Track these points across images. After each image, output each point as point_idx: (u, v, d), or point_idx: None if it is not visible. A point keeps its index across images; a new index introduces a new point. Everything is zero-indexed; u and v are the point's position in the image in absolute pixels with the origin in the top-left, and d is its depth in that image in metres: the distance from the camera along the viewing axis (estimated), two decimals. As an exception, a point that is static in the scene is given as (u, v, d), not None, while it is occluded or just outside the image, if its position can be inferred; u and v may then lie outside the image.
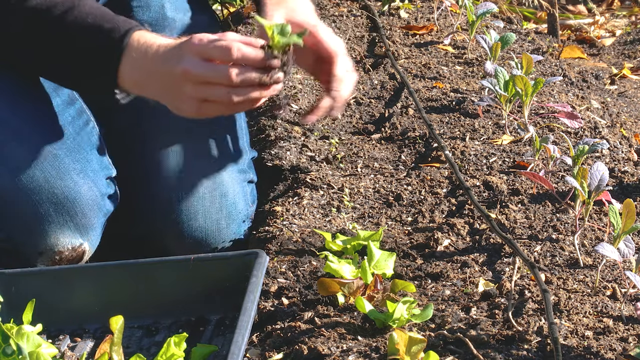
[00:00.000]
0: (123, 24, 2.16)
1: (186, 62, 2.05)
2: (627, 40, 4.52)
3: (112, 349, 1.78)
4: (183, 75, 2.07)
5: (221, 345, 1.96)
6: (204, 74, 2.05)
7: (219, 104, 2.09)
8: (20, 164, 2.25)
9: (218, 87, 2.05)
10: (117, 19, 2.18)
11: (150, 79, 2.13)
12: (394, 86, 3.28)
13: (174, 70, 2.07)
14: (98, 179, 2.35)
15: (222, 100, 2.07)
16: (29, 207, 2.26)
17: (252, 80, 2.04)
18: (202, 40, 2.06)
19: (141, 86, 2.16)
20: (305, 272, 2.20)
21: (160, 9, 2.66)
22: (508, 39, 3.23)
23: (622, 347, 1.85)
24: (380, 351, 1.85)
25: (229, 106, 2.08)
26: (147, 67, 2.12)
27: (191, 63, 2.05)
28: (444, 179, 2.64)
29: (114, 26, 2.16)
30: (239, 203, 2.57)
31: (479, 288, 2.10)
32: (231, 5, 4.37)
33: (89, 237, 2.35)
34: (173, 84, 2.09)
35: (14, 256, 2.31)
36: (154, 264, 2.11)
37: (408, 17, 4.06)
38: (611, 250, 2.00)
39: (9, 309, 1.96)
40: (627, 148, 2.81)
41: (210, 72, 2.05)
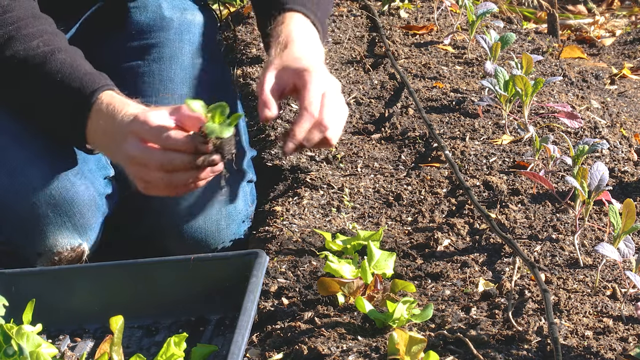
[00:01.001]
0: (90, 84, 2.15)
1: (128, 144, 2.05)
2: (627, 40, 4.52)
3: (112, 349, 1.78)
4: (126, 157, 2.07)
5: (221, 345, 1.96)
6: (141, 158, 2.04)
7: (160, 187, 2.08)
8: (17, 166, 2.25)
9: (153, 171, 2.04)
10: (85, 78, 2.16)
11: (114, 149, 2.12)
12: (394, 86, 3.28)
13: (120, 149, 2.07)
14: (95, 179, 2.35)
15: (160, 184, 2.06)
16: (26, 208, 2.26)
17: (183, 164, 2.02)
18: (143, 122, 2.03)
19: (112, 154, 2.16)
20: (305, 272, 2.20)
21: (157, 8, 2.66)
22: (508, 39, 3.23)
23: (622, 347, 1.85)
24: (380, 351, 1.85)
25: (168, 189, 2.07)
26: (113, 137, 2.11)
27: (131, 145, 2.05)
28: (444, 179, 2.64)
29: (82, 85, 2.14)
30: (238, 203, 2.57)
31: (479, 288, 2.10)
32: (231, 5, 4.37)
33: (87, 237, 2.35)
34: (124, 163, 2.10)
35: (13, 257, 2.31)
36: (154, 264, 2.11)
37: (408, 17, 4.06)
38: (611, 250, 2.00)
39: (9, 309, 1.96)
40: (627, 148, 2.81)
41: (145, 155, 2.04)
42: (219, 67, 2.73)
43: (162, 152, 2.02)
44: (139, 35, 2.64)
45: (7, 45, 2.17)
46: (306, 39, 2.32)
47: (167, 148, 2.02)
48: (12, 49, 2.17)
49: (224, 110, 1.98)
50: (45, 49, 2.19)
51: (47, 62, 2.17)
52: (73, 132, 2.17)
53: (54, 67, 2.17)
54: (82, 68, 2.19)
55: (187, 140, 2.00)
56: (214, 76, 2.68)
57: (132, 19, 2.64)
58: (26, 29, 2.20)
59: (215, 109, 1.98)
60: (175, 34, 2.64)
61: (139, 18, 2.65)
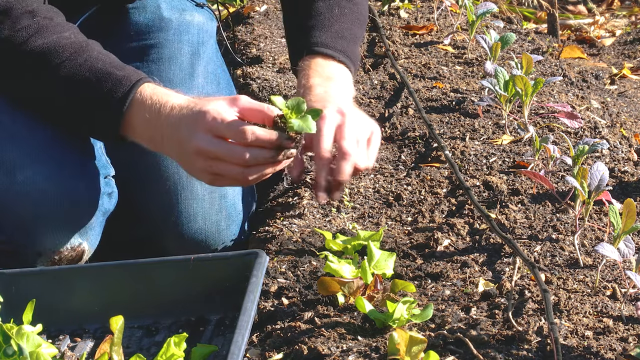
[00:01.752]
0: (134, 74, 2.15)
1: (199, 140, 2.05)
2: (627, 40, 4.52)
3: (112, 349, 1.78)
4: (196, 152, 2.06)
5: (221, 345, 1.96)
6: (217, 153, 2.05)
7: (232, 179, 2.09)
8: (17, 165, 2.25)
9: (231, 165, 2.05)
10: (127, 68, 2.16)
11: (165, 142, 2.13)
12: (394, 86, 3.28)
13: (187, 145, 2.07)
14: (96, 179, 2.35)
15: (236, 177, 2.07)
16: (27, 208, 2.26)
17: (265, 159, 2.04)
18: (216, 118, 2.04)
19: (156, 145, 2.16)
20: (305, 272, 2.20)
21: (156, 9, 2.66)
22: (508, 39, 3.23)
23: (622, 347, 1.85)
24: (380, 351, 1.85)
25: (241, 182, 2.09)
26: (160, 130, 2.12)
27: (204, 141, 2.05)
28: (444, 179, 2.64)
29: (126, 73, 2.15)
30: (238, 204, 2.57)
31: (479, 288, 2.10)
32: (231, 5, 4.37)
33: (88, 237, 2.35)
34: (186, 156, 2.10)
35: (13, 257, 2.31)
36: (154, 264, 2.11)
37: (408, 17, 4.06)
38: (611, 250, 2.00)
39: (9, 309, 1.96)
40: (627, 148, 2.81)
41: (224, 152, 2.05)
42: (218, 67, 2.73)
43: (245, 148, 2.03)
44: (137, 36, 2.64)
45: (39, 34, 2.16)
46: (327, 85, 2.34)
47: (251, 145, 2.03)
48: (45, 38, 2.16)
49: (302, 106, 2.01)
50: (80, 39, 2.19)
51: (86, 51, 2.16)
52: (108, 122, 2.16)
53: (93, 56, 2.17)
54: (118, 59, 2.19)
55: (275, 138, 2.02)
56: (213, 76, 2.68)
57: (131, 19, 2.64)
58: (53, 19, 2.19)
59: (294, 104, 2.02)
60: (174, 34, 2.64)
61: (137, 19, 2.65)
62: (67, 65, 2.15)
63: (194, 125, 2.05)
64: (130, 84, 2.13)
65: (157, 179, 2.51)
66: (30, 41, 2.15)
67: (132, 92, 2.12)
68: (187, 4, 2.73)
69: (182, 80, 2.58)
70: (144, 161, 2.51)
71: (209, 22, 2.76)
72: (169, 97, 2.12)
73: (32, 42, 2.15)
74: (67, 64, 2.15)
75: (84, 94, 2.16)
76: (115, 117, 2.14)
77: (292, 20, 2.57)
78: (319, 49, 2.41)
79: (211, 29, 2.76)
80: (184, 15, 2.69)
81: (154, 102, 2.12)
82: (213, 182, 2.12)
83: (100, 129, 2.20)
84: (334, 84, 2.36)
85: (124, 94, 2.12)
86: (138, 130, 2.15)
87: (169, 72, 2.59)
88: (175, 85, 2.45)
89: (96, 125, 2.20)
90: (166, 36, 2.64)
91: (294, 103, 2.02)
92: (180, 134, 2.07)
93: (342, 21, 2.48)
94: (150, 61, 2.60)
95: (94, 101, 2.16)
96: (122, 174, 2.45)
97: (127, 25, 2.64)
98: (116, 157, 2.45)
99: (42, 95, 2.21)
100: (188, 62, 2.62)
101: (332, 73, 2.39)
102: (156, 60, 2.61)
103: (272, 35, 3.89)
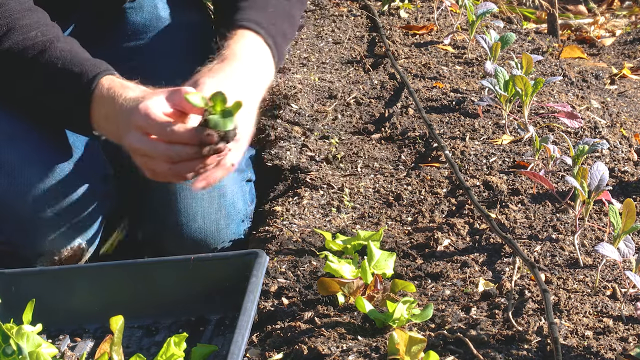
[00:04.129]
0: (93, 68, 2.15)
1: (130, 137, 2.05)
2: (627, 40, 4.52)
3: (112, 349, 1.78)
4: (130, 149, 2.07)
5: (221, 345, 1.96)
6: (145, 150, 2.04)
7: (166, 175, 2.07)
8: (15, 167, 2.25)
9: (159, 161, 2.04)
10: (87, 63, 2.16)
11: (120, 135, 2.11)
12: (394, 86, 3.28)
13: (124, 142, 2.07)
14: (95, 178, 2.35)
15: (166, 173, 2.06)
16: (26, 208, 2.26)
17: (189, 156, 2.02)
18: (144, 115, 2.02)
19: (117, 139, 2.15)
20: (305, 272, 2.20)
21: (153, 9, 2.66)
22: (508, 39, 3.23)
23: (622, 347, 1.85)
24: (380, 351, 1.85)
25: (175, 177, 2.07)
26: (115, 123, 2.11)
27: (134, 138, 2.04)
28: (444, 179, 2.64)
29: (83, 70, 2.15)
30: (237, 202, 2.57)
31: (479, 288, 2.10)
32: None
33: (87, 237, 2.35)
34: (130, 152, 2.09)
35: (13, 257, 2.31)
36: (154, 264, 2.11)
37: (408, 17, 4.06)
38: (611, 250, 2.00)
39: (9, 309, 1.96)
40: (627, 148, 2.81)
41: (149, 149, 2.04)
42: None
43: (167, 146, 2.02)
44: (135, 35, 2.64)
45: (6, 36, 2.17)
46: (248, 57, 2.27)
47: (173, 142, 2.02)
48: (11, 39, 2.17)
49: (224, 99, 1.96)
50: (44, 38, 2.19)
51: (48, 50, 2.17)
52: (78, 119, 2.16)
53: (55, 55, 2.17)
54: (82, 55, 2.19)
55: (192, 134, 2.00)
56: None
57: (128, 19, 2.64)
58: (23, 20, 2.20)
59: (215, 97, 1.96)
60: (171, 33, 2.64)
61: (134, 18, 2.65)
62: (32, 66, 2.18)
63: (128, 122, 2.06)
64: (87, 79, 2.13)
65: (156, 179, 2.51)
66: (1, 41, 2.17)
67: (90, 87, 2.13)
68: (184, 4, 2.73)
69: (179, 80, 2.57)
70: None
71: (206, 22, 2.76)
72: (124, 90, 2.12)
73: (3, 42, 2.17)
74: (31, 65, 2.18)
75: (50, 94, 2.18)
76: (83, 114, 2.15)
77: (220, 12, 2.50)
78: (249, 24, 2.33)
79: (208, 28, 2.76)
80: (181, 14, 2.69)
81: (110, 95, 2.12)
82: (152, 177, 2.11)
83: (75, 126, 2.22)
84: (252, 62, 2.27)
85: (83, 91, 2.13)
86: (101, 124, 2.15)
87: (166, 71, 2.59)
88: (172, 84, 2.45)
89: (71, 123, 2.22)
90: (163, 35, 2.64)
91: (214, 97, 1.96)
92: (121, 130, 2.08)
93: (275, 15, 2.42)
94: (147, 60, 2.60)
95: (61, 101, 2.17)
96: (121, 174, 2.45)
97: (124, 24, 2.65)
98: (114, 156, 2.45)
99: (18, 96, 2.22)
100: (185, 61, 2.62)
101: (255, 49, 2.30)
102: (153, 60, 2.61)
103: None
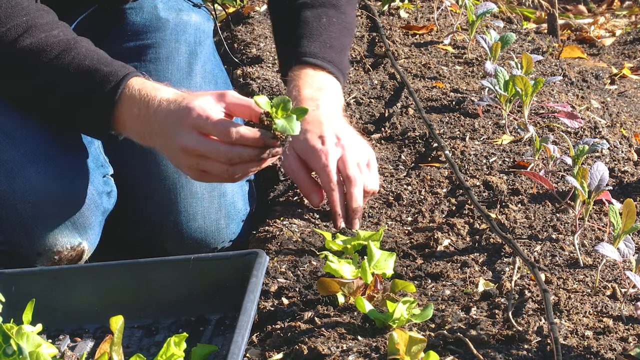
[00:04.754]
0: (122, 68, 2.16)
1: (184, 137, 2.06)
2: (627, 40, 4.52)
3: (112, 349, 1.78)
4: (181, 149, 2.08)
5: (221, 345, 1.96)
6: (202, 151, 2.06)
7: (217, 176, 2.11)
8: (15, 166, 2.25)
9: (216, 162, 2.07)
10: (114, 63, 2.17)
11: (153, 137, 2.14)
12: (394, 86, 3.28)
13: (173, 142, 2.08)
14: (94, 177, 2.35)
15: (221, 174, 2.09)
16: (26, 208, 2.26)
17: (250, 158, 2.06)
18: (202, 115, 2.05)
19: (145, 140, 2.17)
20: (305, 272, 2.20)
21: (153, 9, 2.66)
22: (508, 38, 3.23)
23: (622, 347, 1.85)
24: (380, 351, 1.85)
25: (227, 179, 2.11)
26: (149, 125, 2.13)
27: (189, 138, 2.06)
28: (444, 179, 2.64)
29: (113, 70, 2.15)
30: (237, 202, 2.57)
31: (479, 288, 2.10)
32: (231, 5, 4.37)
33: (87, 236, 2.35)
34: (173, 151, 2.11)
35: (13, 257, 2.31)
36: (154, 264, 2.11)
37: (408, 17, 4.06)
38: (611, 250, 2.00)
39: (9, 309, 1.96)
40: (627, 148, 2.81)
41: (209, 150, 2.06)
42: (215, 66, 2.73)
43: (229, 147, 2.04)
44: (135, 36, 2.64)
45: (27, 34, 2.16)
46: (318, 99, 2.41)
47: (235, 143, 2.04)
48: (33, 37, 2.16)
49: (287, 105, 2.02)
50: (68, 37, 2.19)
51: (73, 49, 2.17)
52: (99, 117, 2.16)
53: (82, 53, 2.17)
54: (107, 55, 2.19)
55: (259, 137, 2.03)
56: (211, 76, 2.68)
57: (128, 19, 2.64)
58: (42, 18, 2.19)
59: (279, 103, 2.02)
60: (171, 34, 2.64)
61: (134, 19, 2.65)
62: (56, 64, 2.16)
63: (180, 122, 2.06)
64: (117, 79, 2.13)
65: (156, 178, 2.51)
66: (19, 40, 2.16)
67: (119, 87, 2.13)
68: (184, 4, 2.73)
69: (180, 80, 2.58)
70: (143, 160, 2.51)
71: (206, 22, 2.76)
72: (157, 91, 2.13)
73: (21, 41, 2.16)
74: (55, 62, 2.16)
75: (73, 92, 2.17)
76: (105, 114, 2.14)
77: (280, 30, 2.60)
78: (308, 59, 2.45)
79: (208, 29, 2.76)
80: (181, 15, 2.69)
81: (142, 96, 2.13)
82: (199, 178, 2.13)
83: (91, 126, 2.22)
84: (324, 96, 2.42)
85: (112, 90, 2.13)
86: (127, 125, 2.16)
87: (167, 71, 2.59)
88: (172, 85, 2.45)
89: (88, 123, 2.21)
90: (163, 36, 2.64)
91: (279, 102, 2.02)
92: (167, 130, 2.08)
93: (331, 31, 2.51)
94: (148, 61, 2.60)
95: (83, 99, 2.17)
96: (121, 173, 2.45)
97: (124, 25, 2.65)
98: (115, 156, 2.45)
99: (33, 94, 2.21)
100: (185, 62, 2.62)
101: (322, 84, 2.44)
102: (153, 60, 2.61)
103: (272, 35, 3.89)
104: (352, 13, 2.60)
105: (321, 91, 2.42)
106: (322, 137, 2.35)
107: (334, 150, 2.34)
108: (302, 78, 2.44)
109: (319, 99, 2.40)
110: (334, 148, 2.34)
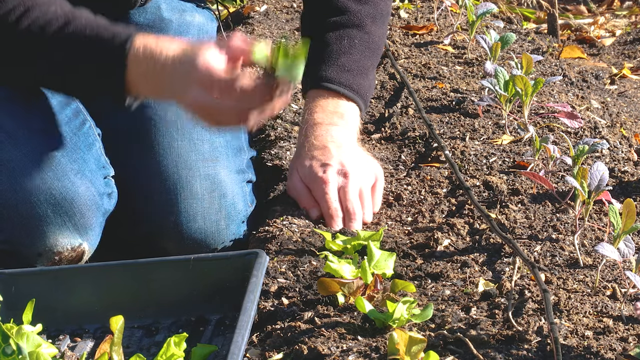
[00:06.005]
0: (123, 31, 2.16)
1: (192, 95, 2.09)
2: (627, 40, 4.52)
3: (112, 349, 1.78)
4: (191, 104, 2.12)
5: (221, 345, 1.96)
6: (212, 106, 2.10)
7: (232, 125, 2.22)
8: (17, 166, 2.25)
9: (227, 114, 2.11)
10: (115, 27, 2.18)
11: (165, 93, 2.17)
12: (394, 86, 3.28)
13: (182, 98, 2.12)
14: (95, 179, 2.35)
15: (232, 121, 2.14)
16: (27, 208, 2.26)
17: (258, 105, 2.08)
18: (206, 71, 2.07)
19: (158, 97, 2.24)
20: (305, 272, 2.20)
21: (156, 10, 2.66)
22: (508, 39, 3.23)
23: (622, 347, 1.85)
24: (380, 351, 1.85)
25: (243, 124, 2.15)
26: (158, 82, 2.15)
27: (197, 96, 2.09)
28: (444, 179, 2.64)
29: (114, 33, 2.16)
30: (238, 203, 2.57)
31: (479, 288, 2.10)
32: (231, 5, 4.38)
33: (88, 237, 2.35)
34: (185, 106, 2.15)
35: (13, 257, 2.31)
36: (154, 264, 2.11)
37: (408, 17, 4.06)
38: (611, 250, 2.00)
39: (9, 309, 1.96)
40: (627, 148, 2.81)
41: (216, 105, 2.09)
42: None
43: (236, 100, 2.07)
44: None
45: (26, 15, 2.16)
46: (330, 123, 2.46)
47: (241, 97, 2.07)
48: (31, 17, 2.16)
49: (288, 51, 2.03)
50: (66, 10, 2.19)
51: (73, 21, 2.17)
52: (112, 84, 2.17)
53: (81, 24, 2.17)
54: (106, 22, 2.20)
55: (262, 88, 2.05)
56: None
57: (132, 20, 2.64)
58: None
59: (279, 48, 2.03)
60: (174, 35, 2.64)
61: (138, 19, 2.65)
62: (58, 38, 2.16)
63: (187, 78, 2.09)
64: (120, 42, 2.13)
65: (156, 179, 2.52)
66: (20, 21, 2.16)
67: (125, 48, 2.13)
68: (187, 5, 2.74)
69: None
70: (143, 161, 2.52)
71: (209, 23, 2.77)
72: (161, 47, 2.14)
73: (23, 21, 2.16)
74: (56, 37, 2.16)
75: (80, 64, 2.18)
76: (119, 77, 2.14)
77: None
78: (324, 84, 2.49)
79: (211, 30, 2.77)
80: (184, 15, 2.69)
81: (147, 55, 2.13)
82: (217, 127, 2.23)
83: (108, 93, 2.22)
84: (337, 120, 2.47)
85: (119, 53, 2.13)
86: (139, 85, 2.17)
87: None
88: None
89: (103, 91, 2.23)
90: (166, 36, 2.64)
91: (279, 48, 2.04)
92: (175, 86, 2.12)
93: (351, 53, 2.53)
94: None
95: (92, 70, 2.18)
96: (122, 174, 2.45)
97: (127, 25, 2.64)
98: (115, 157, 2.45)
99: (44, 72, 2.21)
100: None
101: (336, 108, 2.49)
102: None
103: (272, 35, 3.89)
104: (377, 32, 2.61)
105: (334, 115, 2.47)
106: (326, 165, 2.40)
107: (334, 179, 2.39)
108: (317, 102, 2.49)
109: (331, 124, 2.45)
110: (335, 177, 2.39)
